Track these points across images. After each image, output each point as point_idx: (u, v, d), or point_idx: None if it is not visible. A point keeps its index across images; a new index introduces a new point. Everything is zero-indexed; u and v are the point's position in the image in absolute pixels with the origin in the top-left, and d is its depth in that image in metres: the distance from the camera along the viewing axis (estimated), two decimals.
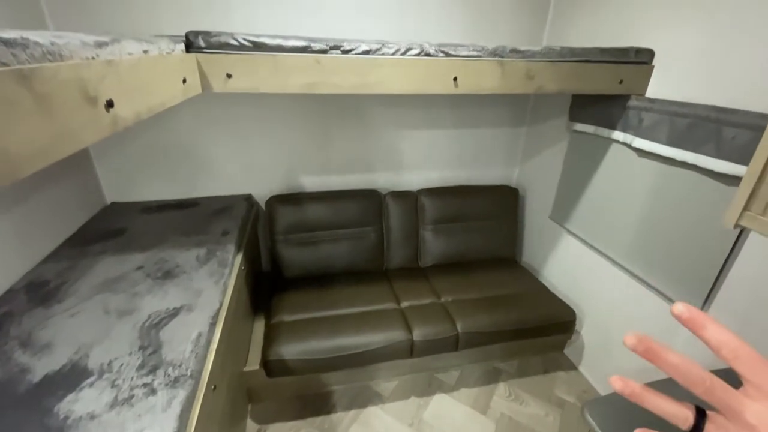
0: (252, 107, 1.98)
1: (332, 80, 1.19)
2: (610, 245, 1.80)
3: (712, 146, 1.27)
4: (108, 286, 1.30)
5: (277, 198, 2.10)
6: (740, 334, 0.90)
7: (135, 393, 0.92)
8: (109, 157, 1.91)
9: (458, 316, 1.85)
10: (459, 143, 2.38)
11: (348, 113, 2.12)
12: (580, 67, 1.43)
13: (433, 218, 2.29)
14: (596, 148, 1.82)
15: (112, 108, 0.62)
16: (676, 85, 1.45)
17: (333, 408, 1.80)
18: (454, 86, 1.30)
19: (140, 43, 0.81)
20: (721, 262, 1.31)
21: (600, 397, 1.04)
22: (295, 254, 2.10)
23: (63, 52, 0.54)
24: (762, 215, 0.64)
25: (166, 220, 1.80)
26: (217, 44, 1.10)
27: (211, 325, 1.17)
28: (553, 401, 1.89)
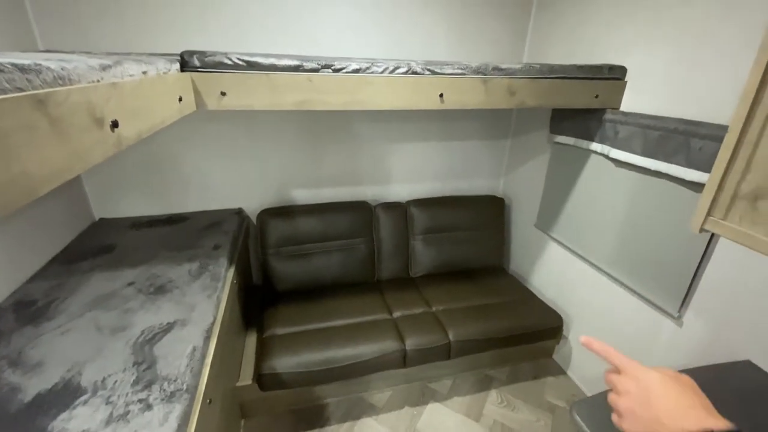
0: (241, 123, 2.01)
1: (324, 97, 1.24)
2: (592, 252, 1.87)
3: (682, 156, 1.36)
4: (99, 303, 1.29)
5: (268, 211, 2.12)
6: (717, 332, 1.00)
7: (131, 409, 0.91)
8: (97, 173, 1.91)
9: (450, 325, 1.88)
10: (446, 156, 2.45)
11: (338, 128, 2.17)
12: (559, 83, 1.51)
13: (423, 229, 2.33)
14: (576, 158, 1.90)
15: (116, 128, 0.65)
16: (647, 100, 1.54)
17: (327, 421, 1.80)
18: (441, 102, 1.36)
19: (139, 65, 0.84)
20: (695, 266, 1.38)
21: (587, 397, 1.08)
22: (286, 267, 2.11)
23: (72, 76, 0.57)
24: (723, 220, 0.70)
25: (156, 236, 1.80)
26: (211, 63, 1.14)
27: (205, 339, 1.18)
28: (544, 406, 1.93)
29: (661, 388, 0.47)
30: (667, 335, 1.53)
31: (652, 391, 0.47)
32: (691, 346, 1.43)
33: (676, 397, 0.46)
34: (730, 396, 1.06)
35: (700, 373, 1.13)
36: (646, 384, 0.48)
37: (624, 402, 0.49)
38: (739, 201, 0.66)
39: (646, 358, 1.62)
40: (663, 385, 0.48)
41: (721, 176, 0.68)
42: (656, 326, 1.57)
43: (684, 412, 0.44)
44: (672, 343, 1.51)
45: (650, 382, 0.48)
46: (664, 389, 0.47)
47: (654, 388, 0.47)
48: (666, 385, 0.47)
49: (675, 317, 1.48)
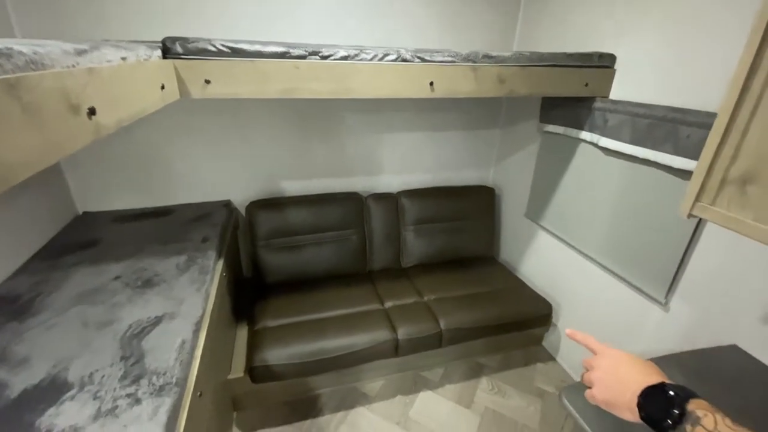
0: (228, 113, 1.96)
1: (311, 85, 1.21)
2: (581, 240, 1.89)
3: (670, 144, 1.37)
4: (85, 298, 1.27)
5: (257, 203, 2.09)
6: (703, 318, 1.03)
7: (119, 404, 0.90)
8: (79, 166, 1.86)
9: (441, 314, 1.90)
10: (437, 146, 2.44)
11: (327, 118, 2.14)
12: (549, 71, 1.50)
13: (414, 219, 2.33)
14: (566, 147, 1.91)
15: (94, 115, 0.63)
16: (636, 88, 1.55)
17: (320, 411, 1.81)
18: (431, 90, 1.34)
19: (118, 50, 0.81)
20: (681, 253, 1.40)
21: (576, 382, 1.09)
22: (277, 259, 2.09)
23: (45, 61, 0.55)
24: (712, 205, 0.71)
25: (142, 229, 1.77)
26: (194, 50, 1.10)
27: (194, 332, 1.16)
28: (534, 392, 1.96)
29: (629, 360, 0.58)
30: (654, 321, 1.56)
31: (620, 363, 0.58)
32: (677, 332, 1.46)
33: (639, 368, 0.57)
34: (716, 380, 1.09)
35: (687, 358, 1.16)
36: (616, 359, 0.59)
37: (596, 374, 0.60)
38: (727, 186, 0.67)
39: (633, 345, 1.65)
40: (630, 359, 0.59)
41: (710, 161, 0.69)
42: (643, 313, 1.60)
43: (646, 376, 0.55)
44: (659, 329, 1.54)
45: (619, 357, 0.60)
46: (630, 362, 0.58)
47: (622, 361, 0.59)
48: (632, 359, 0.59)
49: (662, 303, 1.50)
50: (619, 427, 0.95)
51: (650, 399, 0.52)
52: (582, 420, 0.96)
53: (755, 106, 0.65)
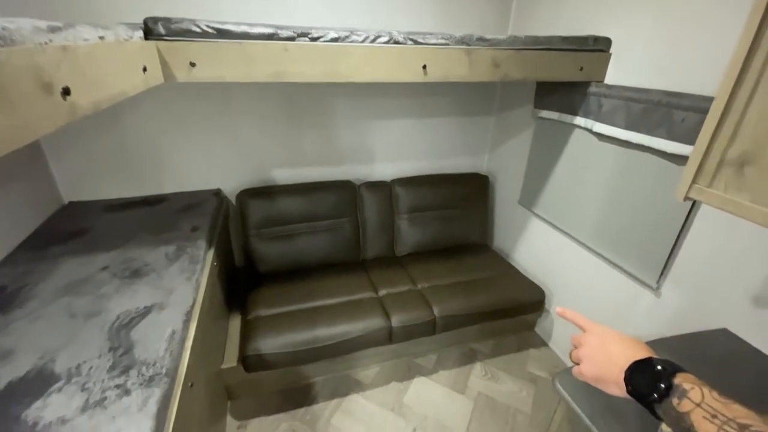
0: (216, 99, 1.91)
1: (300, 68, 1.18)
2: (575, 226, 1.89)
3: (664, 129, 1.36)
4: (71, 289, 1.24)
5: (248, 192, 2.06)
6: (694, 302, 1.03)
7: (107, 395, 0.89)
8: (65, 154, 1.81)
9: (435, 301, 1.90)
10: (430, 133, 2.41)
11: (318, 104, 2.10)
12: (544, 55, 1.48)
13: (408, 207, 2.31)
14: (560, 133, 1.89)
15: (68, 95, 0.59)
16: (631, 72, 1.53)
17: (314, 399, 1.81)
18: (424, 74, 1.31)
19: (95, 29, 0.77)
20: (674, 238, 1.41)
21: (569, 368, 1.10)
22: (269, 248, 2.07)
23: (15, 37, 0.52)
24: (708, 187, 0.70)
25: (130, 219, 1.73)
26: (178, 31, 1.06)
27: (185, 322, 1.15)
28: (527, 377, 1.98)
29: (616, 337, 0.59)
30: (645, 306, 1.58)
31: (608, 339, 0.59)
32: (668, 316, 1.48)
33: (627, 344, 0.57)
34: (707, 363, 1.10)
35: (677, 342, 1.17)
36: (604, 335, 0.60)
37: (584, 351, 0.61)
38: (725, 167, 0.66)
39: (624, 329, 1.66)
40: (617, 335, 0.60)
41: (708, 142, 0.67)
42: (635, 298, 1.62)
43: (633, 352, 0.55)
44: (650, 313, 1.56)
45: (606, 334, 0.60)
46: (618, 338, 0.59)
47: (610, 337, 0.59)
48: (620, 335, 0.60)
49: (653, 288, 1.51)
50: (610, 410, 0.96)
51: (637, 374, 0.52)
52: (575, 404, 0.97)
53: (754, 86, 0.64)
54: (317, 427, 1.69)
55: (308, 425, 1.69)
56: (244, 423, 1.69)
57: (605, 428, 0.90)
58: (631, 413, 0.95)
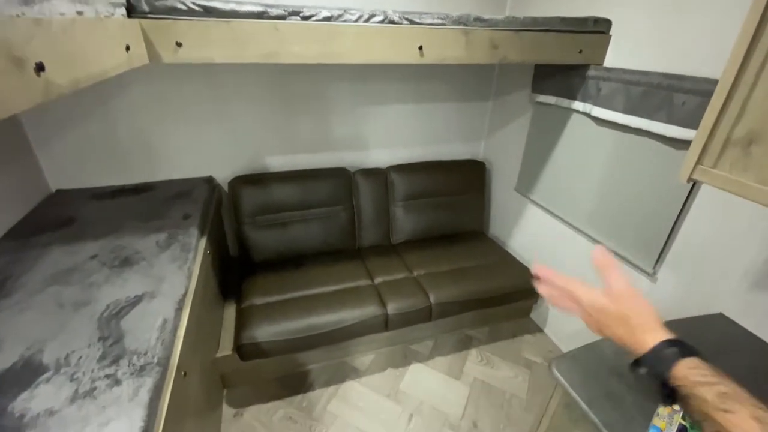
0: (206, 83, 1.86)
1: (292, 49, 1.13)
2: (571, 213, 1.88)
3: (664, 113, 1.34)
4: (59, 278, 1.21)
5: (241, 179, 2.02)
6: (690, 287, 1.00)
7: (97, 385, 0.87)
8: (51, 141, 1.75)
9: (431, 289, 1.89)
10: (426, 118, 2.37)
11: (312, 89, 2.05)
12: (542, 37, 1.44)
13: (403, 195, 2.29)
14: (558, 119, 1.87)
15: (43, 72, 0.56)
16: (631, 54, 1.50)
17: (311, 386, 1.81)
18: (420, 56, 1.27)
19: (73, 4, 0.72)
20: (671, 224, 1.40)
21: (565, 353, 1.10)
22: (263, 237, 2.04)
23: None
24: (713, 168, 0.68)
25: (119, 207, 1.69)
26: (163, 8, 1.01)
27: (177, 311, 1.12)
28: (522, 363, 2.00)
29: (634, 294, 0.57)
30: (642, 292, 1.57)
31: (627, 295, 0.57)
32: (664, 301, 1.48)
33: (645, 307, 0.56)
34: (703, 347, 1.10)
35: (673, 327, 1.15)
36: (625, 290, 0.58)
37: (597, 313, 0.56)
38: (731, 147, 0.64)
39: None
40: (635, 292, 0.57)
41: (714, 121, 0.65)
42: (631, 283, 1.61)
43: (652, 324, 0.54)
44: (647, 299, 1.55)
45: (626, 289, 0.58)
46: (636, 297, 0.57)
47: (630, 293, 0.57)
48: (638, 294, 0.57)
49: (650, 274, 1.51)
50: (607, 396, 0.96)
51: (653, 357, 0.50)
52: (572, 390, 0.96)
53: (762, 63, 0.61)
54: (314, 413, 1.69)
55: (305, 412, 1.69)
56: (240, 410, 1.68)
57: (602, 414, 0.90)
58: (628, 399, 0.95)
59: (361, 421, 1.67)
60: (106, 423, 0.79)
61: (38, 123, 1.70)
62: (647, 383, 0.51)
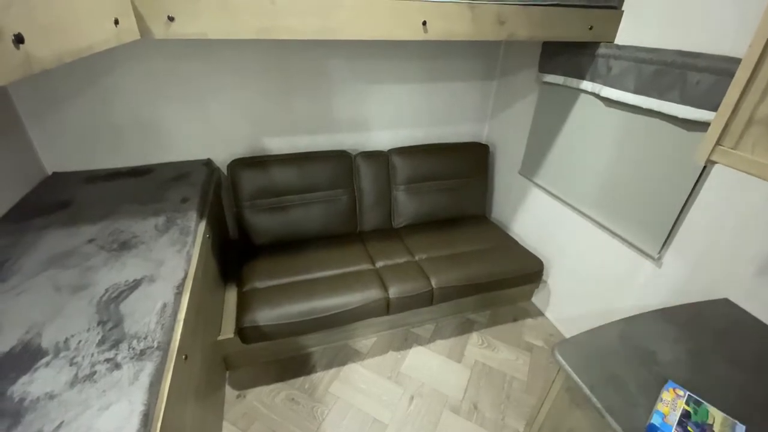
0: (203, 62, 1.80)
1: (289, 23, 1.08)
2: (576, 196, 1.85)
3: (677, 92, 1.29)
4: (56, 262, 1.19)
5: (240, 162, 1.98)
6: (695, 272, 0.95)
7: (97, 369, 0.86)
8: (45, 124, 1.71)
9: (432, 273, 1.88)
10: (428, 98, 2.31)
11: (311, 67, 1.98)
12: (552, 12, 1.38)
13: (405, 178, 2.25)
14: (565, 99, 1.81)
15: (22, 44, 0.52)
16: (644, 31, 1.44)
17: (313, 368, 1.82)
18: (423, 32, 1.22)
19: None
20: (680, 208, 1.37)
21: (569, 338, 1.09)
22: (263, 220, 2.02)
23: None
24: (734, 149, 0.65)
25: (117, 189, 1.66)
26: None
27: (176, 295, 1.11)
28: (523, 346, 2.00)
29: None
30: (645, 276, 1.56)
31: None
32: (669, 286, 1.46)
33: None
34: (707, 333, 1.09)
35: (678, 312, 1.15)
36: None
37: None
38: (755, 126, 0.60)
39: (623, 299, 1.66)
40: None
41: (737, 99, 0.61)
42: (635, 268, 1.60)
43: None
44: (651, 283, 1.54)
45: None
46: None
47: None
48: None
49: (654, 258, 1.49)
50: (609, 381, 0.95)
51: None
52: (575, 374, 0.96)
53: None
54: (316, 395, 1.70)
55: (307, 393, 1.71)
56: (243, 392, 1.70)
57: (605, 398, 0.90)
58: (631, 384, 0.94)
59: (363, 403, 1.68)
60: (107, 407, 0.78)
61: (31, 104, 1.66)
62: None
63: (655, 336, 1.06)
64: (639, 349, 1.03)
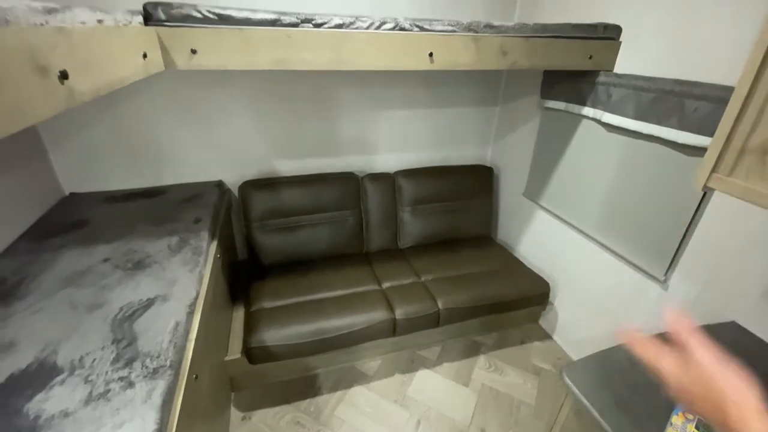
0: (217, 88, 1.88)
1: (304, 56, 1.15)
2: (581, 219, 1.87)
3: (675, 119, 1.33)
4: (73, 281, 1.22)
5: (251, 183, 2.04)
6: (702, 295, 0.96)
7: (111, 387, 0.87)
8: (65, 145, 1.78)
9: (438, 294, 1.89)
10: (434, 123, 2.37)
11: (320, 93, 2.06)
12: (552, 43, 1.44)
13: (411, 200, 2.29)
14: (567, 124, 1.86)
15: (66, 80, 0.57)
16: (642, 60, 1.49)
17: (318, 390, 1.81)
18: (430, 62, 1.28)
19: (93, 12, 0.74)
20: (683, 230, 1.39)
21: (576, 361, 1.09)
22: (272, 240, 2.05)
23: (8, 17, 0.49)
24: (729, 176, 0.68)
25: (132, 210, 1.71)
26: (179, 17, 1.03)
27: (188, 314, 1.13)
28: (531, 369, 1.98)
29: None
30: (652, 299, 1.56)
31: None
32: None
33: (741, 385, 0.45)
34: None
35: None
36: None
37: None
38: (747, 155, 0.64)
39: (630, 321, 1.66)
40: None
41: (730, 129, 0.65)
42: (641, 290, 1.60)
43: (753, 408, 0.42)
44: (657, 306, 1.54)
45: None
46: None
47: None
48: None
49: (661, 281, 1.50)
50: (618, 404, 0.95)
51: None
52: (583, 398, 0.96)
53: None
54: (321, 418, 1.69)
55: (312, 416, 1.69)
56: (248, 414, 1.69)
57: (615, 422, 0.89)
58: (640, 407, 0.94)
59: (369, 427, 1.66)
60: (120, 425, 0.79)
61: (53, 127, 1.73)
62: None
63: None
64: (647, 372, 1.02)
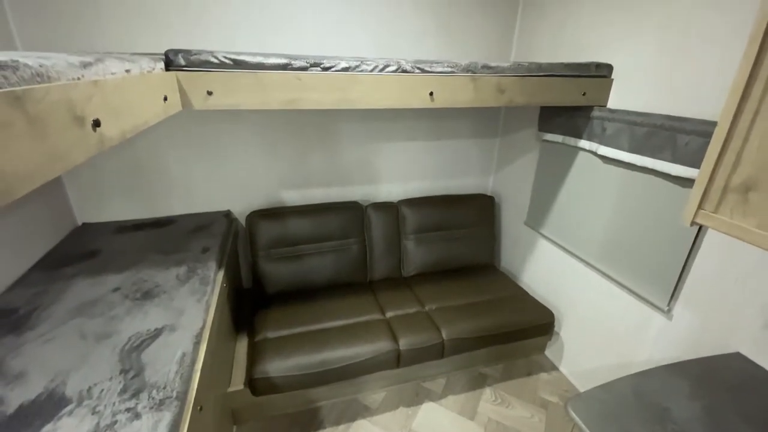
0: (226, 123, 1.97)
1: (313, 96, 1.22)
2: (582, 248, 1.89)
3: (668, 152, 1.38)
4: (83, 310, 1.25)
5: (258, 213, 2.09)
6: (706, 325, 0.97)
7: (118, 419, 0.88)
8: (79, 177, 1.86)
9: (443, 324, 1.88)
10: (436, 155, 2.45)
11: (326, 128, 2.15)
12: (547, 81, 1.52)
13: (414, 228, 2.33)
14: (565, 156, 1.92)
15: (98, 127, 0.63)
16: (633, 97, 1.57)
17: (321, 424, 1.78)
18: (431, 100, 1.36)
19: (122, 62, 0.81)
20: (683, 260, 1.40)
21: (582, 393, 1.08)
22: (277, 269, 2.08)
23: (51, 74, 0.55)
24: (714, 213, 0.71)
25: (142, 240, 1.76)
26: (197, 62, 1.11)
27: (195, 345, 1.15)
28: (538, 402, 1.94)
29: None
30: (656, 329, 1.55)
31: None
32: (680, 339, 1.45)
33: None
34: (722, 388, 1.08)
35: (691, 367, 1.15)
36: None
37: None
38: (730, 193, 0.67)
39: (636, 353, 1.64)
40: None
41: (712, 169, 0.69)
42: (646, 320, 1.60)
43: None
44: (662, 336, 1.53)
45: None
46: None
47: None
48: None
49: (664, 311, 1.50)
50: None
51: None
52: (589, 431, 0.95)
53: (755, 113, 0.66)
54: None
55: None
56: None
57: None
58: None
59: None
60: None
61: None
62: None
63: (669, 391, 1.05)
64: (653, 405, 1.02)
